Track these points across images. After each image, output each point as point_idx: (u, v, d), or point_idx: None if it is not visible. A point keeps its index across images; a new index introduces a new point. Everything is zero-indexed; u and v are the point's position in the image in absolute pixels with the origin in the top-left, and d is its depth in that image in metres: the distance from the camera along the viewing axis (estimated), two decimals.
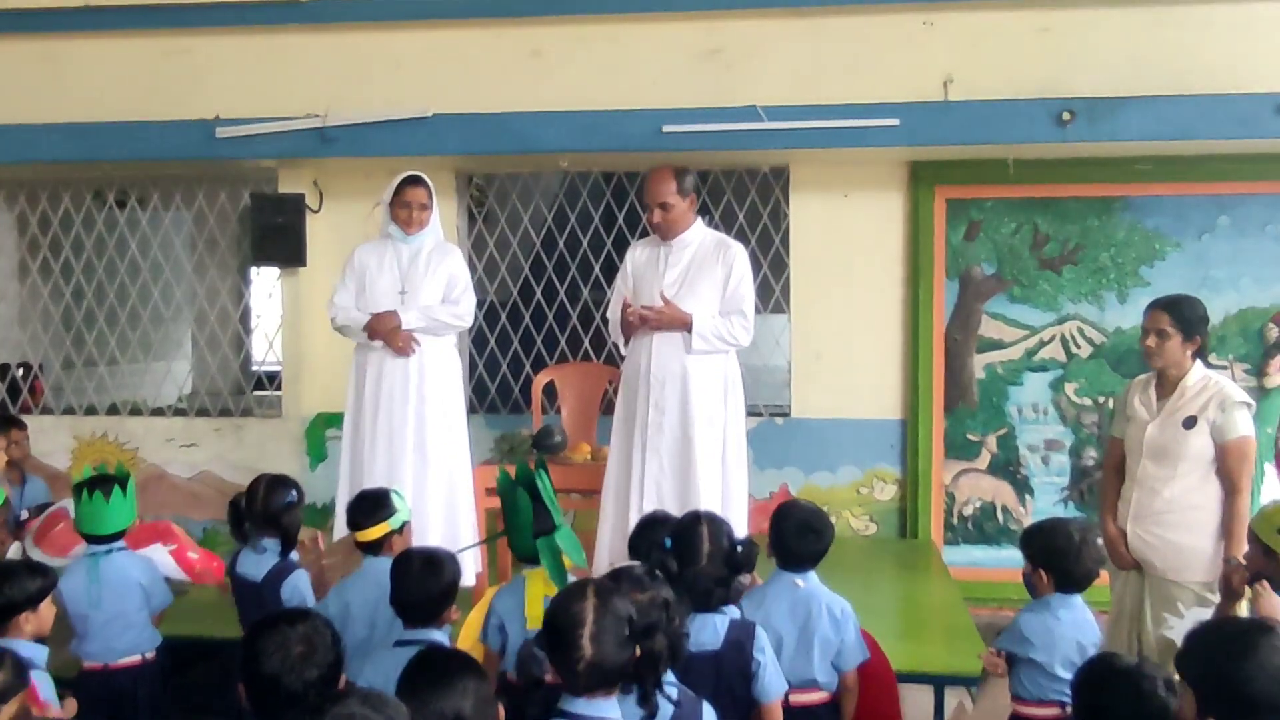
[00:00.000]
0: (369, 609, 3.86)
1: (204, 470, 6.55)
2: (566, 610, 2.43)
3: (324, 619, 2.68)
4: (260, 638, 2.53)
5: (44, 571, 3.28)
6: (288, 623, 2.57)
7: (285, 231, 6.44)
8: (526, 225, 6.82)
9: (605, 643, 2.39)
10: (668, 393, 4.67)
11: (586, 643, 2.38)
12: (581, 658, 2.38)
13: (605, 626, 2.40)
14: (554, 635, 2.41)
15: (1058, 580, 3.42)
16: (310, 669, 2.50)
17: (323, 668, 2.52)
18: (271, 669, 2.48)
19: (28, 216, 6.94)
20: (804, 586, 3.44)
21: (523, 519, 3.48)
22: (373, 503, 4.00)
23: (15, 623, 3.14)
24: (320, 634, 2.57)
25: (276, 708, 2.50)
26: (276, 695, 2.49)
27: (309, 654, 2.51)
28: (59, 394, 7.00)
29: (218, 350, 7.11)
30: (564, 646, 2.39)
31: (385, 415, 4.96)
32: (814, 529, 3.50)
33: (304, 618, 2.61)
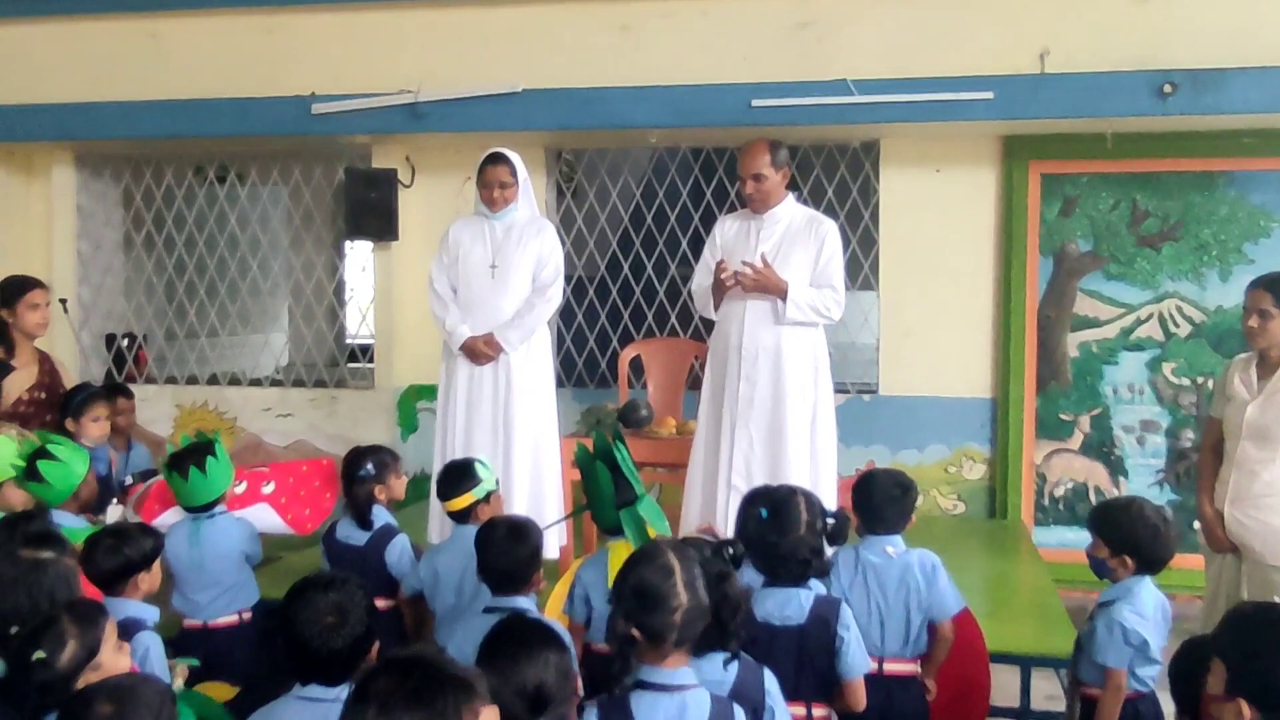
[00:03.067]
0: (456, 576, 3.94)
1: (299, 439, 6.71)
2: (652, 566, 2.46)
3: (362, 590, 2.75)
4: (296, 601, 2.62)
5: (154, 533, 3.40)
6: (322, 590, 2.65)
7: (378, 206, 6.56)
8: (615, 200, 6.85)
9: (696, 588, 2.44)
10: (759, 366, 4.67)
11: (681, 589, 2.42)
12: (679, 606, 2.41)
13: (693, 572, 2.46)
14: (645, 594, 2.44)
15: (1140, 564, 3.36)
16: (337, 639, 2.58)
17: (349, 640, 2.59)
18: (301, 633, 2.58)
19: (132, 191, 7.16)
20: (894, 552, 3.44)
21: (604, 491, 3.53)
22: (459, 473, 4.08)
23: (133, 582, 3.26)
24: (353, 605, 2.64)
25: (305, 669, 2.60)
26: (306, 658, 2.60)
27: (338, 624, 2.58)
28: (162, 364, 7.22)
29: (313, 323, 7.28)
30: (657, 601, 2.42)
31: (475, 389, 5.04)
32: (900, 484, 3.50)
33: (339, 586, 2.68)
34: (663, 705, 2.44)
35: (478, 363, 5.04)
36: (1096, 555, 3.47)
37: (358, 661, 2.65)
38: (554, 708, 2.20)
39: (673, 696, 2.45)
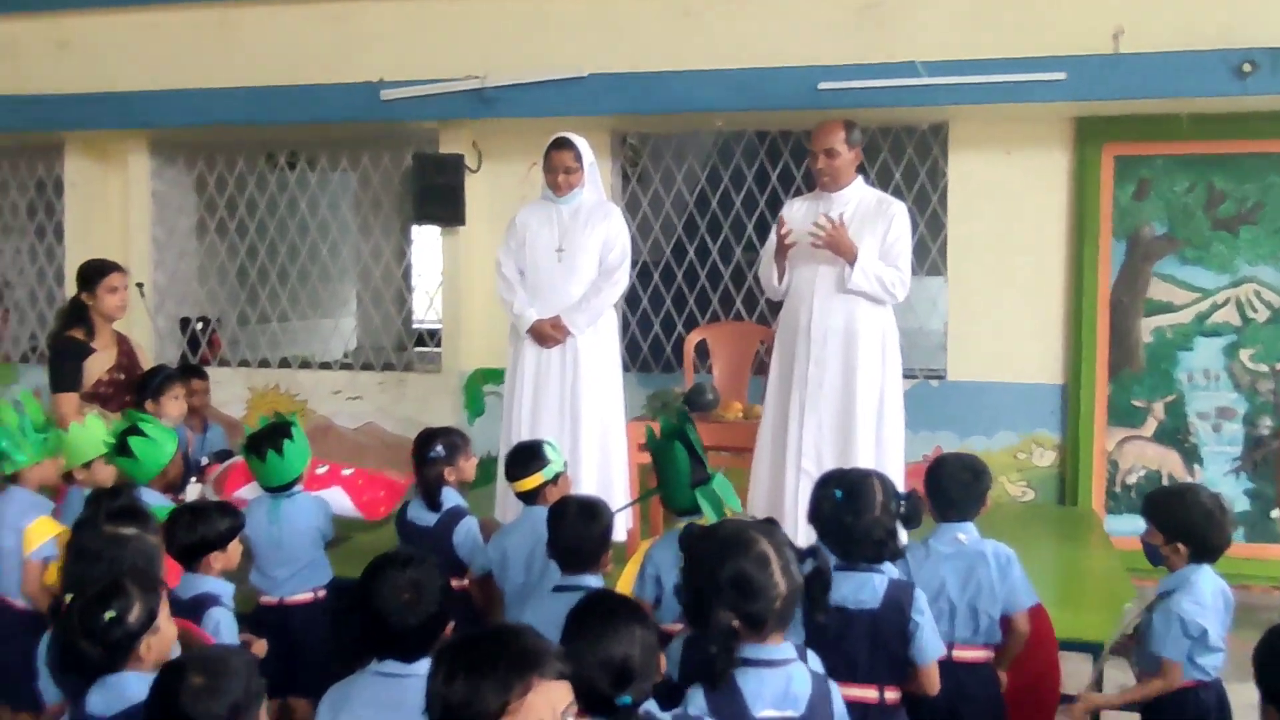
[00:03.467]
0: (525, 556, 3.98)
1: (368, 422, 6.80)
2: (749, 556, 2.48)
3: (438, 569, 2.79)
4: (374, 578, 2.66)
5: (233, 513, 3.48)
6: (400, 567, 2.69)
7: (445, 191, 6.62)
8: (680, 184, 6.85)
9: (792, 572, 2.47)
10: (828, 349, 4.65)
11: (780, 578, 2.45)
12: (779, 595, 2.44)
13: (787, 557, 2.48)
14: (745, 585, 2.46)
15: (1194, 552, 3.31)
16: (413, 615, 2.62)
17: (423, 617, 2.63)
18: (379, 609, 2.62)
19: (205, 178, 7.29)
20: (967, 541, 3.41)
21: (680, 470, 3.54)
22: (527, 454, 4.12)
23: (206, 560, 3.34)
24: (429, 583, 2.68)
25: (382, 645, 2.64)
26: (383, 634, 2.63)
27: (414, 601, 2.62)
28: (235, 347, 7.36)
29: (381, 307, 7.37)
30: (758, 592, 2.44)
31: (542, 372, 5.07)
32: (972, 470, 3.48)
33: (417, 564, 2.72)
34: (769, 680, 2.47)
35: (545, 346, 5.07)
36: (1150, 542, 3.44)
37: (433, 638, 2.68)
38: (638, 683, 2.22)
39: (777, 671, 2.48)
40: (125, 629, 2.55)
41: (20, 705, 4.01)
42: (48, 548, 3.86)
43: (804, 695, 2.47)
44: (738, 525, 2.63)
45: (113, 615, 2.54)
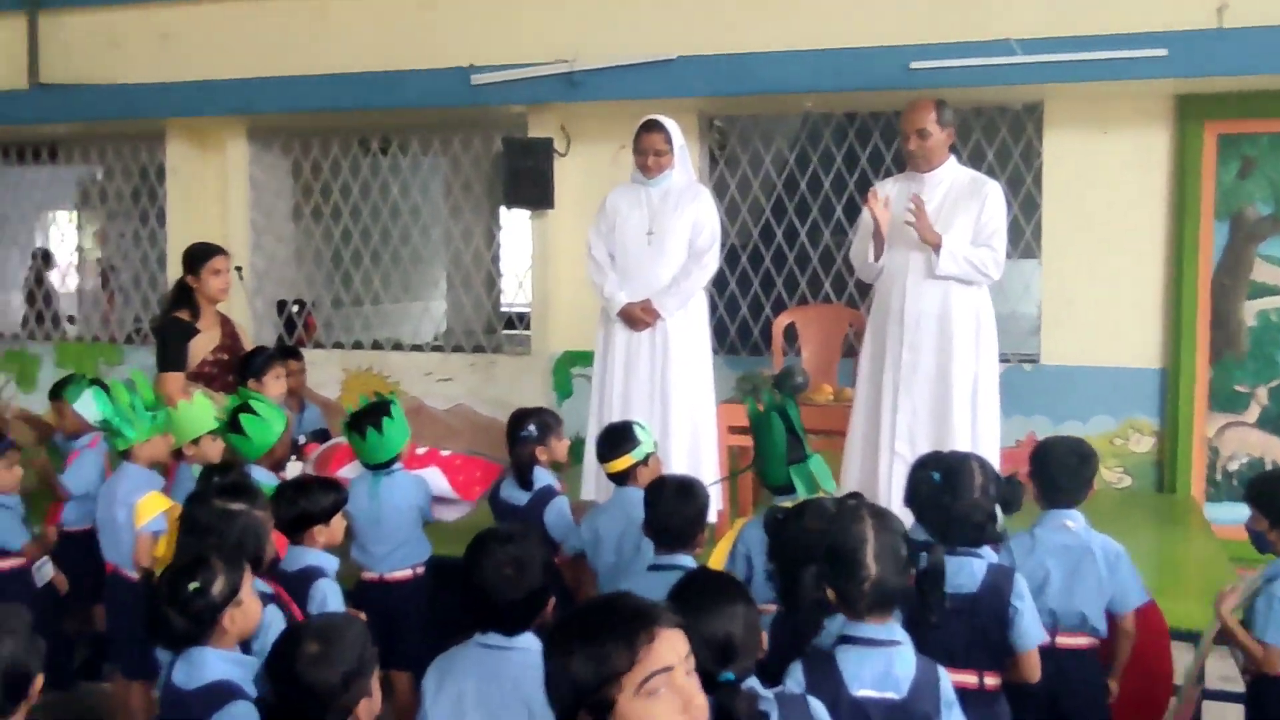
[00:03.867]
0: (616, 536, 4.02)
1: (459, 404, 6.89)
2: (847, 531, 2.48)
3: (541, 545, 2.83)
4: (477, 552, 2.72)
5: (336, 488, 3.57)
6: (502, 543, 2.73)
7: (534, 175, 6.67)
8: (768, 167, 6.82)
9: (887, 560, 2.46)
10: (922, 333, 4.61)
11: (870, 561, 2.44)
12: (866, 577, 2.45)
13: (885, 544, 2.48)
14: (836, 556, 2.47)
15: None
16: (514, 590, 2.66)
17: (525, 592, 2.67)
18: (481, 583, 2.67)
19: (301, 163, 7.43)
20: (1074, 528, 3.36)
21: (777, 446, 3.55)
22: (618, 435, 4.16)
23: (310, 534, 3.43)
24: (531, 559, 2.72)
25: (484, 618, 2.70)
26: (485, 607, 2.69)
27: (516, 576, 2.67)
28: (329, 329, 7.51)
29: (471, 290, 7.46)
30: (848, 566, 2.44)
31: (632, 355, 5.10)
32: (1078, 453, 3.43)
33: (519, 540, 2.76)
34: (869, 660, 2.48)
35: (635, 329, 5.10)
36: (1256, 529, 3.36)
37: (535, 613, 2.73)
38: (740, 660, 2.24)
39: (879, 651, 2.49)
40: (208, 600, 2.64)
41: (133, 673, 4.17)
42: (157, 522, 3.99)
43: (906, 679, 2.47)
44: (860, 504, 2.63)
45: (197, 587, 2.63)
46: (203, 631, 2.65)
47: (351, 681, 2.32)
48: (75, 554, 4.67)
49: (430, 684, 2.71)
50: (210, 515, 3.17)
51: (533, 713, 2.61)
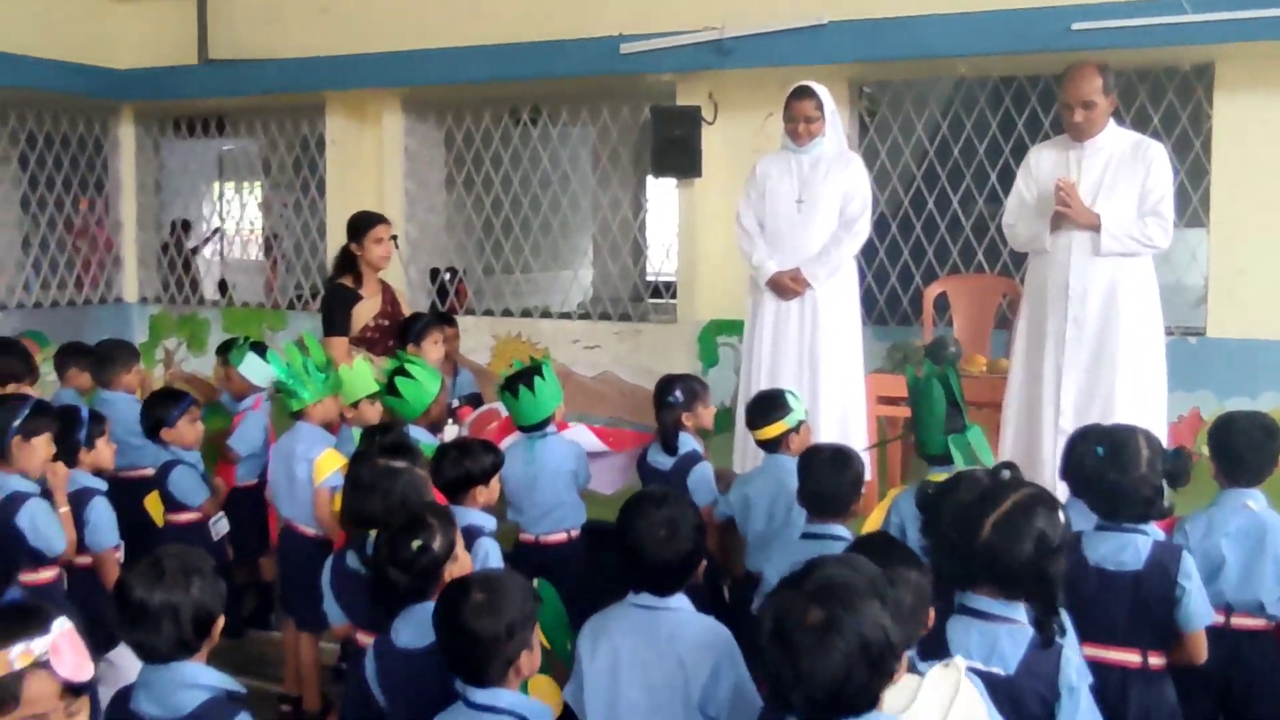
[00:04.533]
0: (767, 503, 4.04)
1: (605, 371, 6.98)
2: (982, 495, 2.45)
3: (694, 509, 2.87)
4: (631, 513, 2.78)
5: (495, 450, 3.67)
6: (656, 505, 2.79)
7: (682, 143, 6.68)
8: (920, 133, 6.69)
9: (1007, 535, 2.40)
10: (1088, 306, 4.47)
11: (988, 526, 2.40)
12: (978, 537, 2.41)
13: (1014, 521, 2.41)
14: (961, 515, 2.44)
15: None
16: (667, 551, 2.72)
17: (678, 553, 2.73)
18: (635, 544, 2.73)
19: (454, 134, 7.60)
20: (1256, 509, 3.24)
21: (936, 414, 3.52)
22: (770, 402, 4.17)
23: (470, 494, 3.54)
24: (684, 521, 2.77)
25: (638, 578, 2.76)
26: (639, 568, 2.75)
27: (669, 538, 2.73)
28: (480, 297, 7.68)
29: (618, 258, 7.53)
30: (968, 526, 2.41)
31: (781, 324, 5.09)
32: (1264, 428, 3.32)
33: (673, 503, 2.82)
34: (978, 632, 2.45)
35: (784, 298, 5.08)
36: None
37: (687, 574, 2.78)
38: (907, 627, 2.23)
39: (991, 625, 2.45)
40: (432, 556, 2.77)
41: (304, 624, 4.37)
42: (334, 478, 4.17)
43: (1015, 656, 2.42)
44: (1022, 481, 2.59)
45: (419, 544, 2.76)
46: (427, 587, 2.77)
47: (514, 632, 2.41)
48: (242, 509, 4.92)
49: (585, 643, 2.78)
50: (374, 473, 3.30)
51: (686, 671, 2.66)
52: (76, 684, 2.00)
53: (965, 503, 2.50)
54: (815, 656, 1.84)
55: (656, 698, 2.67)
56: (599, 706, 2.72)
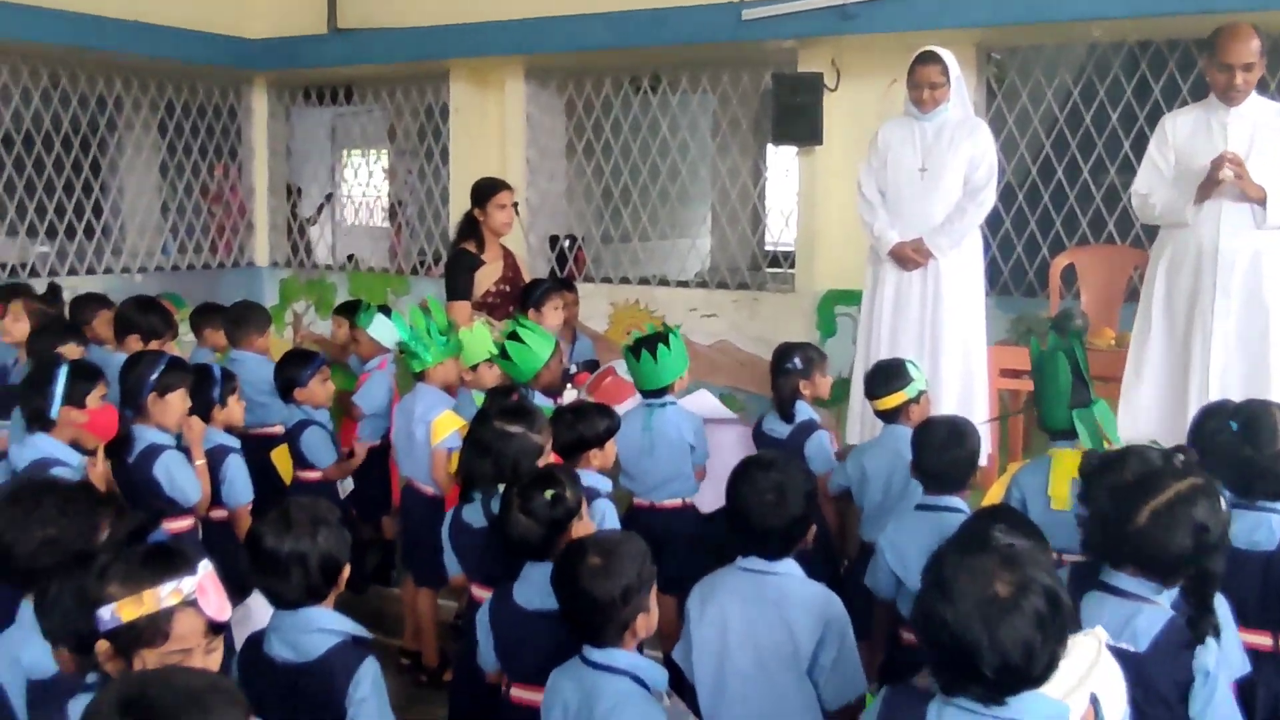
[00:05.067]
0: (884, 474, 4.01)
1: (722, 340, 6.96)
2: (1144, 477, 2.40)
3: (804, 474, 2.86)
4: (741, 477, 2.80)
5: (610, 414, 3.71)
6: (765, 469, 2.79)
7: (803, 111, 6.60)
8: (1049, 100, 6.49)
9: (1165, 525, 2.35)
10: (1235, 278, 4.29)
11: (1146, 512, 2.35)
12: (1134, 522, 2.36)
13: (1174, 512, 2.36)
14: (1120, 495, 2.39)
15: None
16: (775, 516, 2.72)
17: (786, 519, 2.73)
18: (743, 508, 2.75)
19: (574, 101, 7.63)
20: None
21: (1060, 387, 3.44)
22: (890, 372, 4.12)
23: (585, 456, 3.59)
24: (793, 486, 2.76)
25: (746, 542, 2.77)
26: (747, 531, 2.76)
27: (777, 502, 2.73)
28: (598, 264, 7.72)
29: (737, 227, 7.49)
30: (1125, 508, 2.36)
31: (903, 295, 5.02)
32: None
33: (782, 468, 2.82)
34: (1112, 608, 2.41)
35: (906, 268, 5.01)
36: None
37: (795, 540, 2.78)
38: None
39: (1127, 603, 2.41)
40: (564, 507, 2.82)
41: (423, 580, 4.49)
42: (452, 439, 4.28)
43: (1148, 635, 2.37)
44: (1173, 457, 2.53)
45: (553, 494, 2.81)
46: (552, 539, 2.82)
47: (630, 595, 2.44)
48: (366, 469, 5.06)
49: (694, 605, 2.81)
50: (490, 434, 3.37)
51: (794, 635, 2.67)
52: (218, 623, 2.10)
53: (1127, 482, 2.44)
54: (1010, 623, 1.87)
55: (764, 660, 2.69)
56: (707, 667, 2.74)
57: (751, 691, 2.68)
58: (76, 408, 3.73)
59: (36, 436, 3.66)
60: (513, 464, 3.28)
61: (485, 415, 3.53)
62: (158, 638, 2.03)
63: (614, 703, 2.37)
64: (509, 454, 3.32)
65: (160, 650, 2.03)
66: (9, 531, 2.47)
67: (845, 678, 2.65)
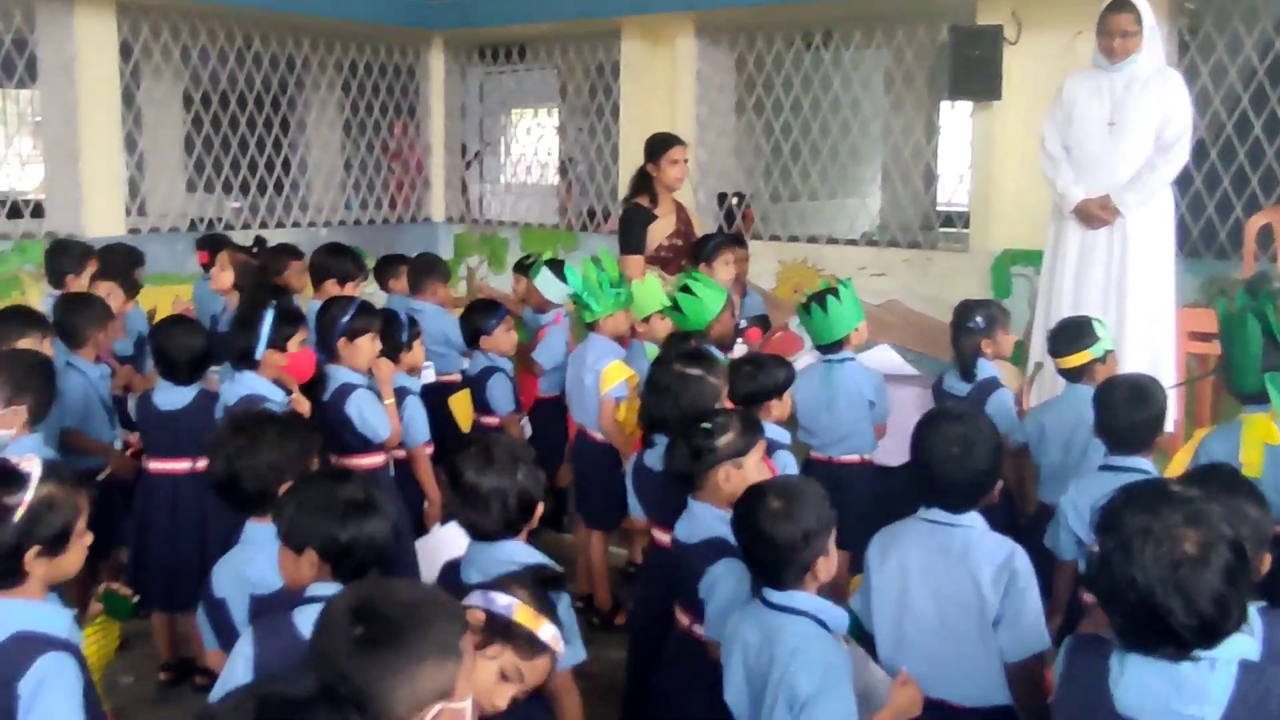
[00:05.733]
0: (1065, 434, 3.94)
1: (891, 299, 6.88)
2: None
3: (992, 428, 2.82)
4: (926, 428, 2.79)
5: (788, 366, 3.74)
6: (952, 421, 2.78)
7: (981, 65, 6.43)
8: (1249, 51, 6.17)
9: None
10: None
11: None
12: None
13: None
14: None
15: None
16: (959, 469, 2.70)
17: (971, 472, 2.70)
18: (928, 459, 2.73)
19: (745, 58, 7.60)
20: None
21: (1250, 349, 3.32)
22: (1075, 330, 4.04)
23: (765, 407, 3.62)
24: (980, 440, 2.73)
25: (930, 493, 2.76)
26: (931, 483, 2.74)
27: (962, 455, 2.70)
28: (765, 222, 7.71)
29: (909, 185, 7.37)
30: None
31: (1087, 253, 4.89)
32: None
33: (969, 420, 2.79)
34: None
35: (1091, 227, 4.86)
36: None
37: (980, 494, 2.75)
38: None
39: None
40: (715, 442, 2.87)
41: (594, 524, 4.61)
42: (620, 389, 4.38)
43: None
44: None
45: (708, 427, 2.87)
46: (701, 470, 2.89)
47: (811, 538, 2.47)
48: (544, 419, 5.21)
49: (874, 554, 2.82)
50: (670, 377, 3.44)
51: (978, 588, 2.65)
52: None
53: None
54: (1202, 580, 1.87)
55: (946, 612, 2.68)
56: (886, 616, 2.75)
57: (932, 642, 2.68)
58: (278, 351, 3.94)
59: (244, 374, 3.90)
60: (692, 406, 3.34)
61: (665, 360, 3.60)
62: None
63: (797, 643, 2.41)
64: (688, 396, 3.39)
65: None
66: (237, 459, 2.66)
67: (1027, 630, 2.63)
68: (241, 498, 2.68)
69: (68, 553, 2.27)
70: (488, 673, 2.02)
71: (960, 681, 2.66)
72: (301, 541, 2.30)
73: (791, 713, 2.36)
